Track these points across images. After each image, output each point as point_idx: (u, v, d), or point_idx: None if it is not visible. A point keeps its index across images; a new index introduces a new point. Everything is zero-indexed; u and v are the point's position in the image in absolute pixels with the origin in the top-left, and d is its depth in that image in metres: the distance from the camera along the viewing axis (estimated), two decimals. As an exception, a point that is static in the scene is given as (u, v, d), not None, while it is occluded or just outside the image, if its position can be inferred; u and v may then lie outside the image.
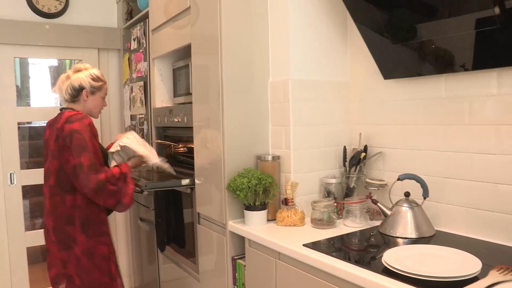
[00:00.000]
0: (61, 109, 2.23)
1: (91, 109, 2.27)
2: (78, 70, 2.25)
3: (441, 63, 1.71)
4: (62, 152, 2.07)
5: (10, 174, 3.30)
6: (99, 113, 2.34)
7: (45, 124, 2.28)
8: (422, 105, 1.85)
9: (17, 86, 3.39)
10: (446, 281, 1.20)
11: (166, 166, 2.41)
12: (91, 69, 2.27)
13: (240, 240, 2.02)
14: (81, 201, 2.12)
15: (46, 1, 3.36)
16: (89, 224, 2.14)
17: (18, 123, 3.37)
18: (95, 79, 2.24)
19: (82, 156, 2.03)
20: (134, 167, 2.30)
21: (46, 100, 3.80)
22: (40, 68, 3.73)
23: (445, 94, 1.76)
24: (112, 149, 2.27)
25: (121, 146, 2.24)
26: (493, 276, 1.21)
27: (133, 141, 2.28)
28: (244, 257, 1.98)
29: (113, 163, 2.26)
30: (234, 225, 1.99)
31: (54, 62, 3.84)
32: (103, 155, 2.21)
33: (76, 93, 2.21)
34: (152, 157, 2.31)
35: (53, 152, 2.11)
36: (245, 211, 1.95)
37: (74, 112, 2.14)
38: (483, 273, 1.23)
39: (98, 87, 2.25)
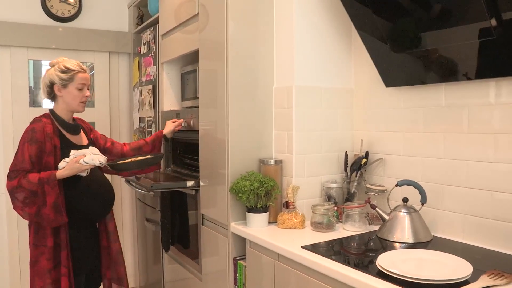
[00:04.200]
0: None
1: (68, 103, 2.15)
2: (52, 66, 2.17)
3: (443, 72, 1.74)
4: None
5: (21, 173, 3.38)
6: (83, 105, 2.19)
7: None
8: (422, 113, 1.89)
9: (30, 87, 3.48)
10: (437, 284, 1.23)
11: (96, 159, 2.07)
12: (64, 62, 2.15)
13: (242, 241, 2.06)
14: None
15: (60, 6, 3.45)
16: (37, 231, 2.10)
17: (30, 124, 3.45)
18: (64, 70, 2.11)
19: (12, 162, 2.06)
20: (71, 172, 2.02)
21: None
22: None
23: (445, 103, 1.80)
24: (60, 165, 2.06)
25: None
26: (484, 280, 1.25)
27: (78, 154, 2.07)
28: (245, 258, 2.02)
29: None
30: (236, 227, 2.03)
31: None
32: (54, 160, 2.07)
33: (50, 90, 2.15)
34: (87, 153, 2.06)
35: None
36: (247, 213, 2.00)
37: (39, 115, 2.14)
38: (474, 278, 1.27)
39: (69, 78, 2.11)
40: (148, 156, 2.35)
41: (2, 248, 3.35)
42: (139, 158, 2.30)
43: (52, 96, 2.17)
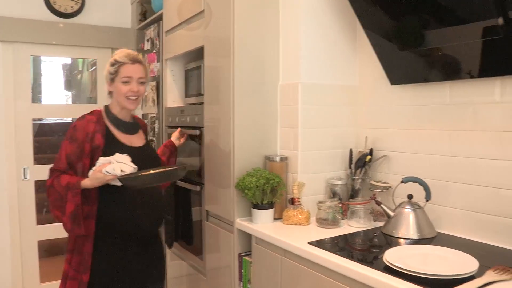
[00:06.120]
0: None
1: (117, 99, 1.96)
2: None
3: (448, 70, 1.76)
4: None
5: (24, 169, 3.39)
6: (131, 102, 1.95)
7: (57, 121, 2.25)
8: (427, 111, 1.91)
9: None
10: (443, 279, 1.25)
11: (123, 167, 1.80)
12: (116, 53, 1.97)
13: (247, 238, 2.08)
14: None
15: (63, 1, 3.45)
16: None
17: (33, 119, 3.46)
18: (112, 63, 1.94)
19: None
20: (95, 182, 1.79)
21: (57, 98, 3.90)
22: (51, 65, 3.82)
23: (450, 101, 1.81)
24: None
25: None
26: (489, 275, 1.27)
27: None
28: (250, 254, 2.04)
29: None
30: (241, 223, 2.05)
31: (68, 60, 3.94)
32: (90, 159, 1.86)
33: (108, 86, 2.00)
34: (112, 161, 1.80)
35: None
36: (252, 209, 2.02)
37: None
38: (479, 273, 1.28)
39: (115, 71, 1.93)
40: (169, 168, 2.00)
41: (4, 245, 3.35)
42: (160, 170, 1.91)
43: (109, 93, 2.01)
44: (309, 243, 1.67)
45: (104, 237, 1.89)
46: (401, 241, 1.71)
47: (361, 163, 2.09)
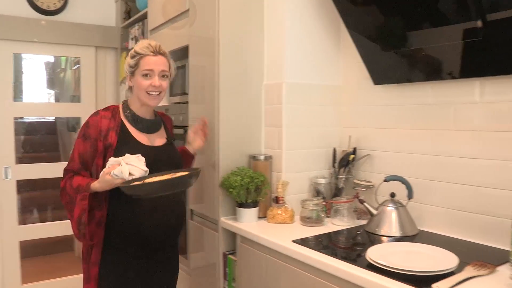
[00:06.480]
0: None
1: (137, 94, 1.78)
2: None
3: (430, 70, 1.79)
4: None
5: (5, 168, 3.34)
6: (152, 98, 1.76)
7: (39, 120, 2.15)
8: (409, 111, 1.94)
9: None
10: (424, 275, 1.28)
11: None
12: (137, 44, 1.79)
13: (232, 236, 2.09)
14: None
15: (46, -1, 3.41)
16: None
17: (14, 118, 3.42)
18: (133, 55, 1.76)
19: None
20: (104, 185, 1.62)
21: (40, 96, 3.84)
22: (34, 63, 3.77)
23: (432, 101, 1.85)
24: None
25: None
26: (468, 271, 1.31)
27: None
28: (235, 252, 2.04)
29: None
30: (226, 222, 2.05)
31: (50, 58, 3.89)
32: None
33: (128, 81, 1.83)
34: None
35: None
36: (237, 208, 2.03)
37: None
38: (459, 269, 1.32)
39: (135, 64, 1.75)
40: (179, 175, 1.65)
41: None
42: (166, 177, 1.63)
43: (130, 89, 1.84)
44: (293, 241, 1.69)
45: (114, 246, 1.73)
46: (384, 238, 1.74)
47: (345, 162, 2.11)
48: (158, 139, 1.85)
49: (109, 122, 1.73)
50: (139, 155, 1.63)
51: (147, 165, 1.62)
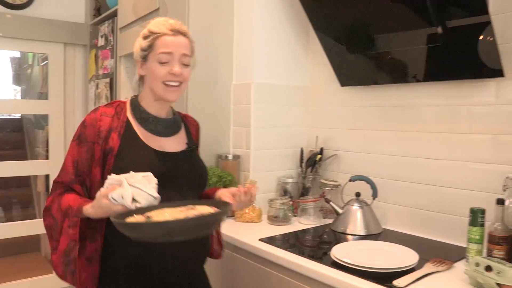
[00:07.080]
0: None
1: (150, 85, 1.35)
2: None
3: (395, 73, 1.84)
4: None
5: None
6: (170, 91, 1.33)
7: (4, 117, 2.05)
8: (375, 112, 1.99)
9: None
10: (387, 272, 1.32)
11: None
12: (152, 23, 1.39)
13: (200, 235, 2.09)
14: None
15: (12, -7, 3.32)
16: None
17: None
18: (146, 35, 1.36)
19: None
20: (99, 211, 1.18)
21: (5, 92, 3.75)
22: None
23: (396, 103, 1.90)
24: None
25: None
26: (428, 267, 1.36)
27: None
28: (203, 251, 2.05)
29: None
30: (194, 221, 2.05)
31: (16, 54, 3.80)
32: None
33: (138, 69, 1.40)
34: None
35: None
36: (205, 207, 2.03)
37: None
38: (419, 265, 1.37)
39: (148, 45, 1.33)
40: (204, 214, 1.13)
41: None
42: (186, 210, 1.16)
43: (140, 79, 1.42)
44: (260, 240, 1.71)
45: (111, 284, 1.30)
46: (349, 237, 1.78)
47: (312, 162, 2.14)
48: (174, 144, 1.40)
49: (111, 121, 1.32)
50: (150, 173, 1.18)
51: (158, 177, 1.19)
